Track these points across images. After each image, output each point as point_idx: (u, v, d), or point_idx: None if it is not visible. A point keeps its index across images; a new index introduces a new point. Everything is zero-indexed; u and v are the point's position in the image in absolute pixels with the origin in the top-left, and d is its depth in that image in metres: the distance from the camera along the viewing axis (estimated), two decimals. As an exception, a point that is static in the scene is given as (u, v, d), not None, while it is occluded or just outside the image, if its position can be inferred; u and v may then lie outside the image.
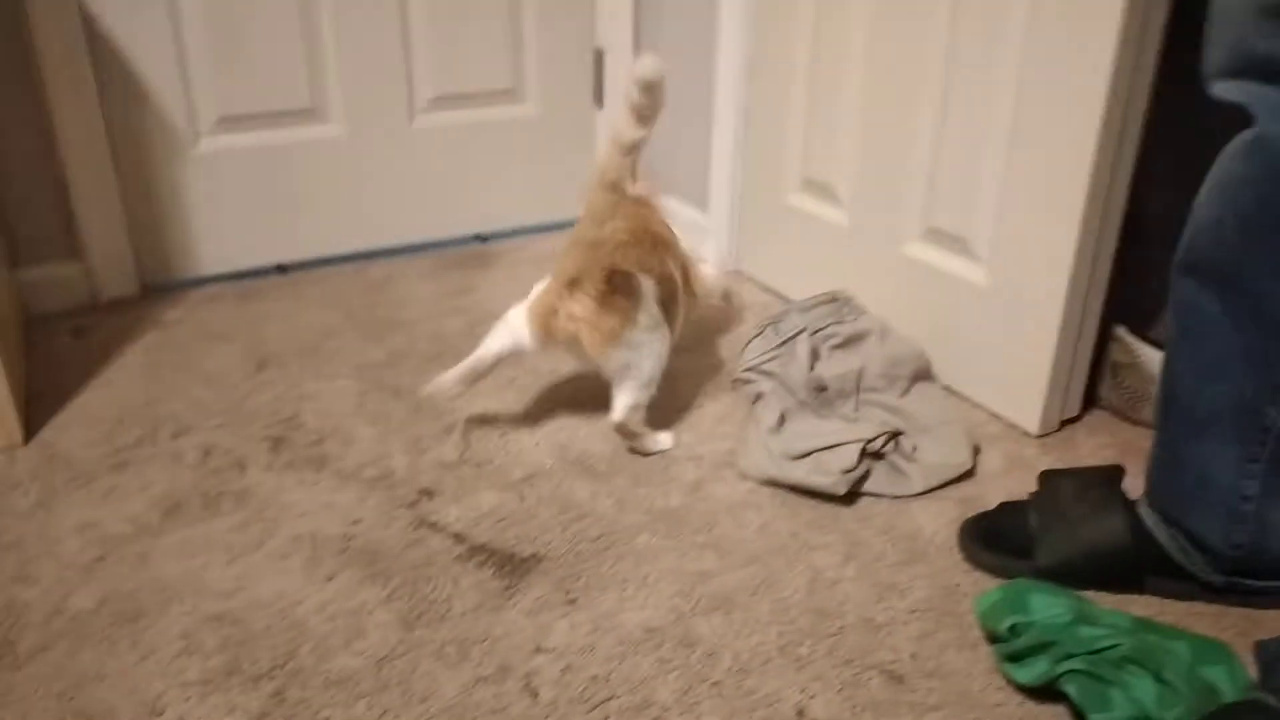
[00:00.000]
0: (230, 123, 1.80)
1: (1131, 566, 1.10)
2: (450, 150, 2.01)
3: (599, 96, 2.11)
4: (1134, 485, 1.14)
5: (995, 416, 1.44)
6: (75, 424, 1.41)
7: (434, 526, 1.21)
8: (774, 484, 1.28)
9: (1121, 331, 1.42)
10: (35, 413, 1.42)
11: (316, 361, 1.59)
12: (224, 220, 1.85)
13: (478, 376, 1.35)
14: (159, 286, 1.83)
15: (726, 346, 1.64)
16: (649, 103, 1.31)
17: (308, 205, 1.91)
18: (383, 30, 1.86)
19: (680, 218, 2.05)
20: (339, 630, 1.05)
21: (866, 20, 1.51)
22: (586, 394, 1.50)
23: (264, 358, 1.60)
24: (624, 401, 1.33)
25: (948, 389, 1.47)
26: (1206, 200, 0.98)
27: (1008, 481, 1.30)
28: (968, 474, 1.31)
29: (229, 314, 1.75)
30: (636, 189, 1.40)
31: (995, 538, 1.16)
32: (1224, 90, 0.93)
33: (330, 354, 1.62)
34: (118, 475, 1.30)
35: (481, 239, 2.11)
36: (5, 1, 1.56)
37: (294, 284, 1.88)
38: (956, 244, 1.45)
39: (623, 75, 2.07)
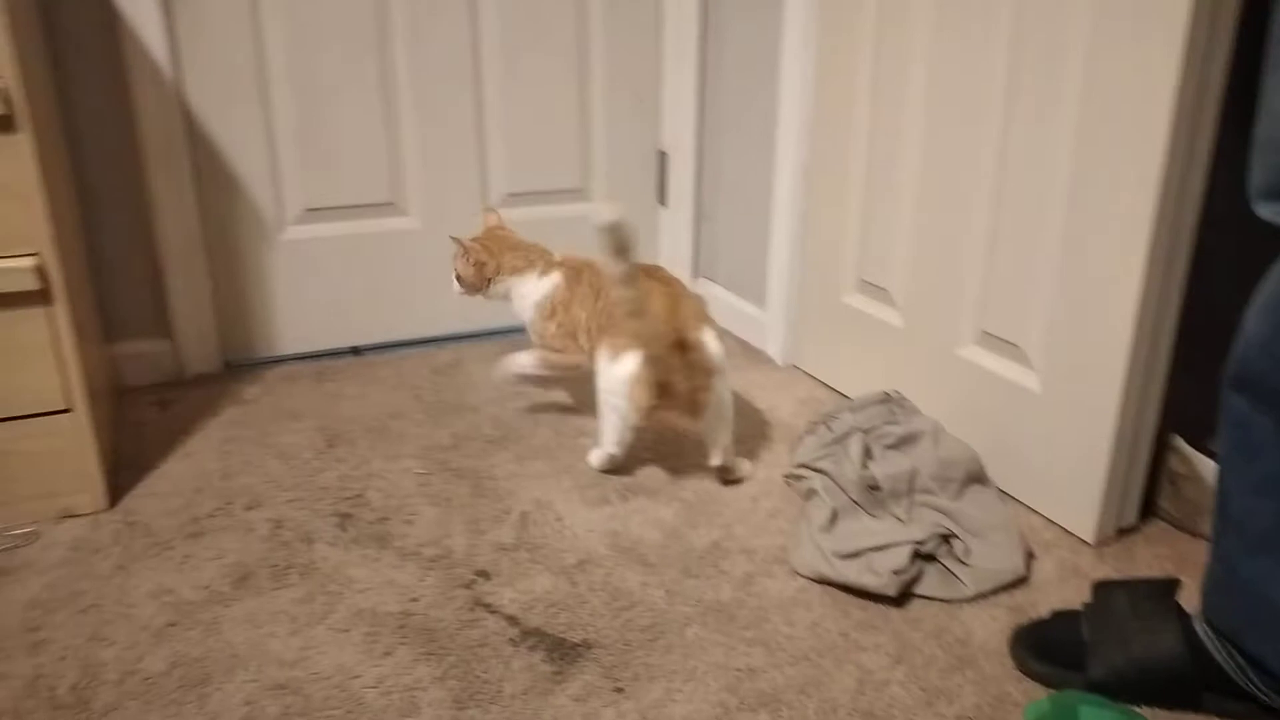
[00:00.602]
0: (315, 213, 1.91)
1: (1187, 683, 1.08)
2: (520, 243, 2.10)
3: (662, 196, 2.19)
4: (1190, 598, 1.13)
5: (1050, 523, 1.44)
6: (156, 492, 1.48)
7: (489, 608, 1.25)
8: (825, 582, 1.29)
9: (1179, 442, 1.41)
10: (120, 480, 1.50)
11: (384, 441, 1.66)
12: (304, 304, 1.94)
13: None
14: (240, 364, 1.93)
15: (779, 442, 1.67)
16: (615, 243, 1.36)
17: (383, 292, 2.00)
18: (460, 132, 1.97)
19: (739, 313, 2.10)
20: (394, 706, 1.08)
21: (921, 127, 1.56)
22: (638, 484, 1.54)
23: (335, 436, 1.67)
24: (725, 441, 1.50)
25: (1002, 493, 1.48)
26: (1256, 317, 0.99)
27: (1061, 590, 1.30)
28: (1021, 580, 1.30)
29: (304, 392, 1.83)
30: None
31: (1047, 647, 1.16)
32: (1269, 212, 0.95)
33: (397, 434, 1.68)
34: (193, 544, 1.36)
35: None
36: (117, 97, 1.70)
37: (367, 366, 1.96)
38: (1009, 349, 1.47)
39: (686, 176, 2.16)
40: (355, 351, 2.02)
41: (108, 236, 1.76)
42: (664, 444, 1.66)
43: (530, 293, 1.66)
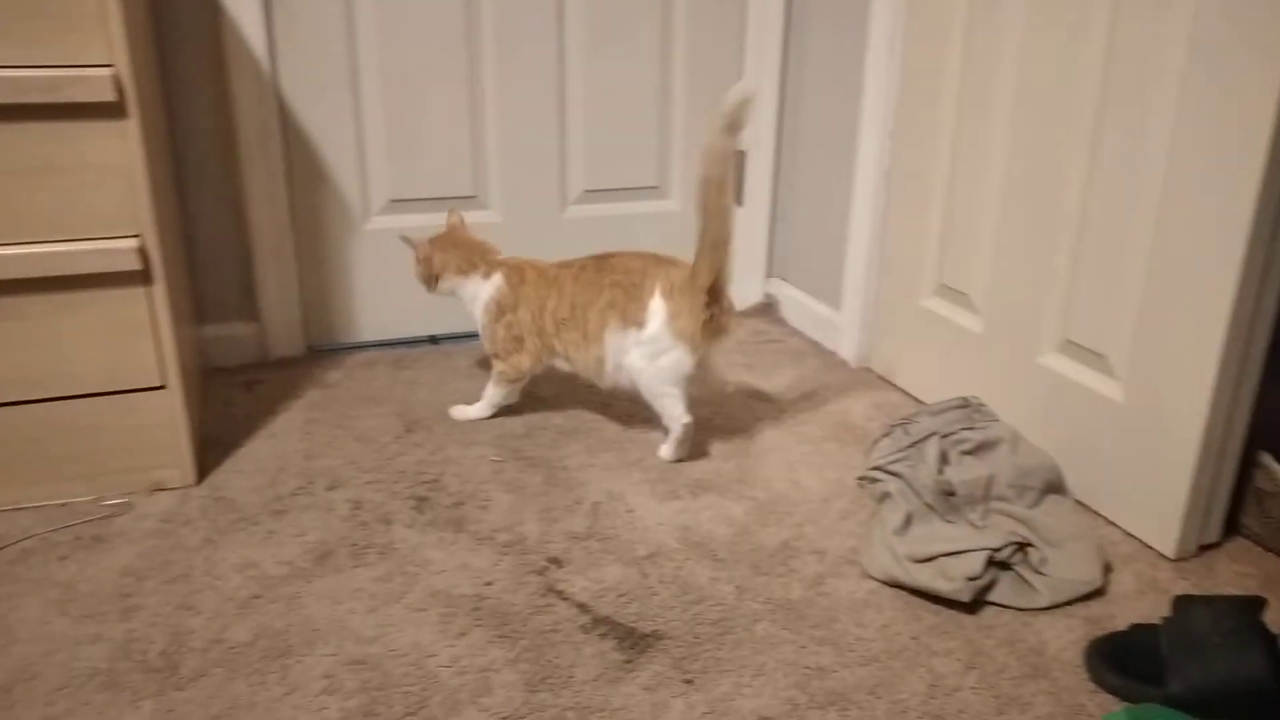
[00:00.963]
0: (398, 205, 1.95)
1: (1272, 704, 1.06)
2: (596, 238, 2.11)
3: (739, 195, 2.20)
4: (1276, 619, 1.11)
5: (1129, 536, 1.41)
6: (242, 470, 1.53)
7: (560, 595, 1.26)
8: (897, 585, 1.29)
9: (1267, 459, 1.38)
10: (208, 457, 1.55)
11: (459, 428, 1.69)
12: (384, 292, 1.99)
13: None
14: (322, 349, 1.98)
15: (851, 444, 1.66)
16: (733, 119, 1.44)
17: (461, 282, 2.04)
18: (542, 128, 2.00)
19: (812, 314, 2.10)
20: (468, 685, 1.10)
21: (1008, 132, 1.55)
22: (707, 480, 1.54)
23: (412, 421, 1.70)
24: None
25: (1079, 504, 1.45)
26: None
27: (1139, 603, 1.27)
28: (1097, 592, 1.28)
29: (383, 379, 1.87)
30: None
31: (1124, 660, 1.14)
32: None
33: (472, 422, 1.71)
34: (277, 521, 1.40)
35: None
36: (215, 87, 1.76)
37: (443, 354, 2.00)
38: (1093, 358, 1.45)
39: (763, 176, 2.16)
40: (432, 340, 2.06)
41: (202, 222, 1.83)
42: (732, 439, 1.66)
43: (477, 294, 1.68)
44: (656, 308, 1.53)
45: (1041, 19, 1.46)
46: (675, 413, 1.57)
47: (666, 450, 1.60)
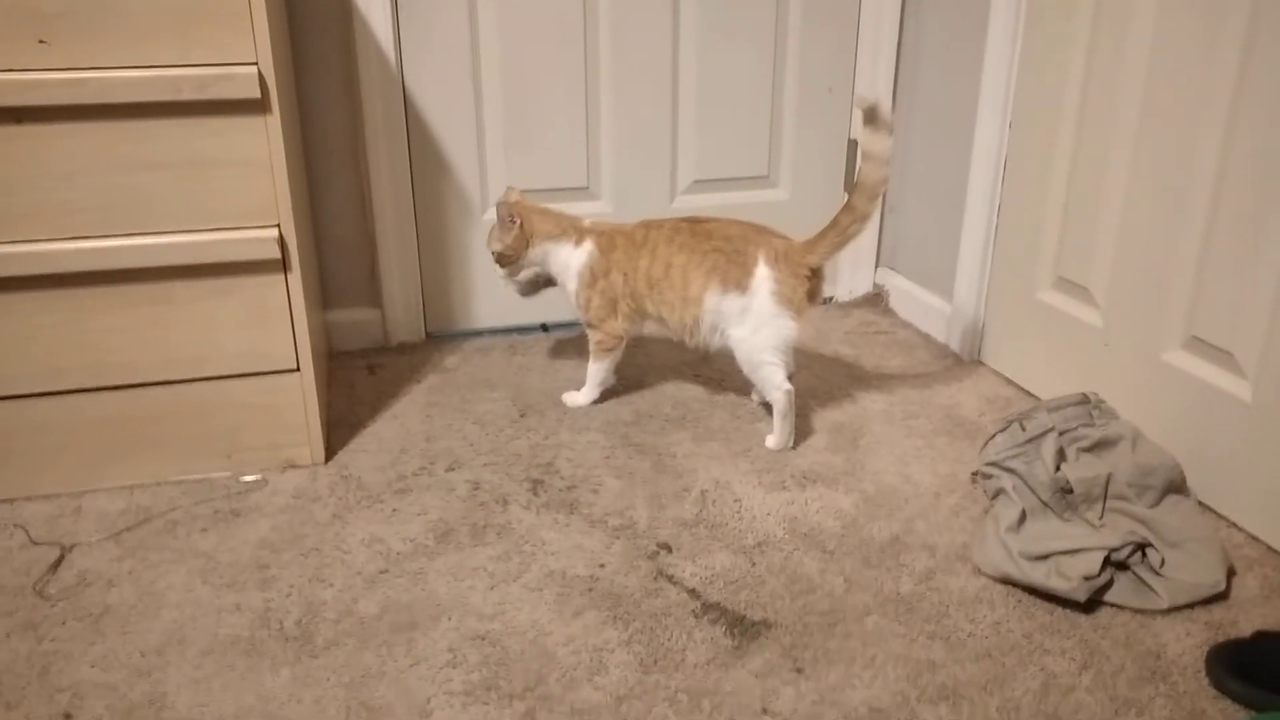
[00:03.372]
0: (515, 194, 2.00)
1: None
2: (704, 228, 2.14)
3: (850, 184, 2.18)
4: None
5: (1253, 539, 1.37)
6: (367, 450, 1.60)
7: (671, 579, 1.29)
8: (1010, 582, 1.28)
9: None
10: (335, 437, 1.63)
11: (571, 414, 1.73)
12: (500, 281, 2.04)
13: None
14: (440, 335, 2.05)
15: (963, 439, 1.65)
16: (871, 115, 1.49)
17: (572, 271, 2.08)
18: (654, 119, 2.02)
19: (923, 305, 2.08)
20: (583, 664, 1.14)
21: (1135, 122, 1.50)
22: (815, 473, 1.55)
23: (526, 406, 1.75)
24: None
25: (1202, 504, 1.41)
26: None
27: (1264, 609, 1.24)
28: (1220, 596, 1.25)
29: (498, 364, 1.93)
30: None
31: (1248, 667, 1.11)
32: None
33: (583, 409, 1.75)
34: (400, 499, 1.47)
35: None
36: (345, 81, 1.83)
37: (554, 342, 2.04)
38: (1220, 356, 1.40)
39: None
40: (544, 328, 2.11)
41: (329, 212, 1.91)
42: (840, 432, 1.66)
43: (569, 261, 1.69)
44: (763, 275, 1.56)
45: (1175, 5, 1.42)
46: (777, 380, 1.59)
47: (773, 439, 1.62)
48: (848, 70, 2.10)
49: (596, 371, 1.75)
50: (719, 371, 1.89)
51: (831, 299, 2.26)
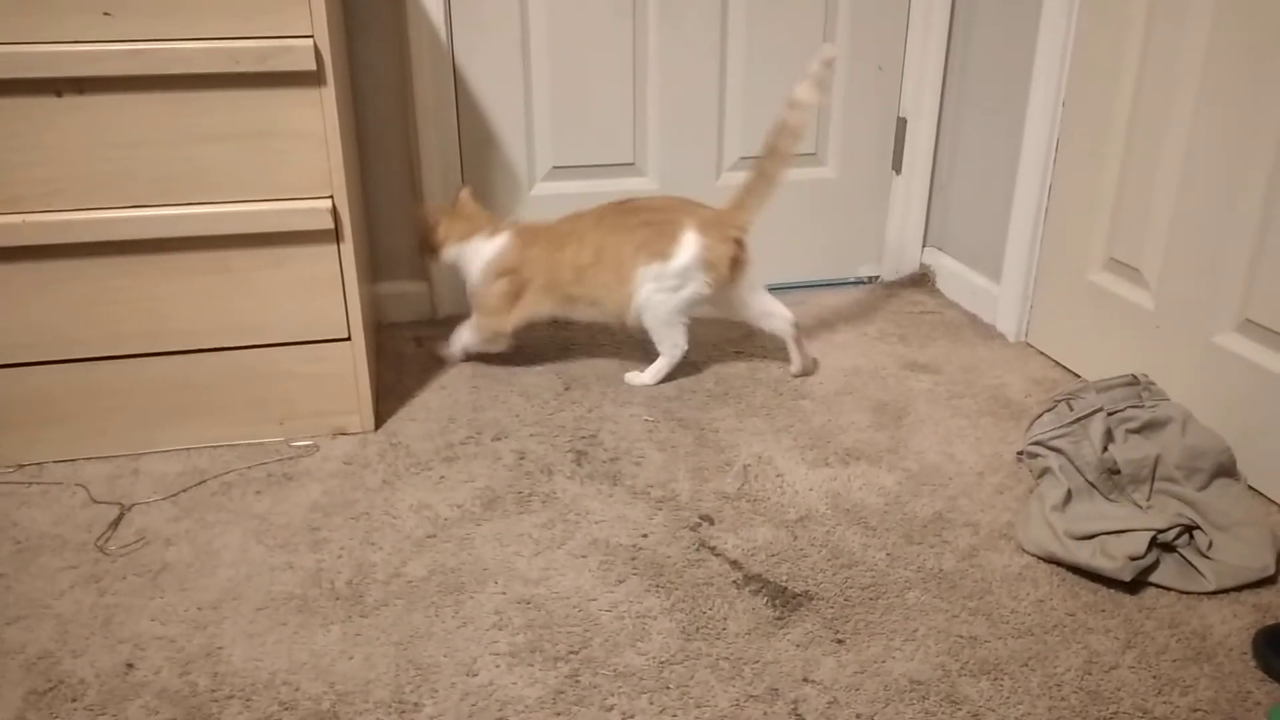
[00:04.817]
0: (561, 171, 2.02)
1: None
2: (750, 205, 2.14)
3: (898, 163, 2.17)
4: None
5: (1306, 525, 1.35)
6: (415, 418, 1.63)
7: (713, 550, 1.31)
8: (1054, 561, 1.27)
9: None
10: (383, 405, 1.66)
11: (614, 388, 1.75)
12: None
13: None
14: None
15: (1008, 419, 1.64)
16: (822, 80, 1.60)
17: (617, 247, 2.09)
18: (702, 96, 2.02)
19: (970, 285, 2.06)
20: (626, 630, 1.16)
21: (1192, 100, 1.48)
22: (858, 450, 1.55)
23: (571, 380, 1.77)
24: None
25: (1252, 489, 1.40)
26: None
27: (1316, 595, 1.22)
28: (1268, 580, 1.24)
29: (542, 339, 1.94)
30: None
31: (1297, 650, 1.10)
32: None
33: (626, 383, 1.76)
34: (447, 467, 1.49)
35: (770, 289, 2.20)
36: (397, 56, 1.85)
37: (598, 317, 2.06)
38: (1274, 339, 1.38)
39: (924, 143, 2.13)
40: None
41: (379, 184, 1.93)
42: (884, 410, 1.66)
43: (480, 252, 1.72)
44: (689, 240, 1.64)
45: (1235, -20, 1.39)
46: (678, 339, 1.72)
47: (644, 376, 1.72)
48: (898, 47, 2.08)
49: (470, 346, 1.80)
50: (761, 349, 1.89)
51: (878, 278, 2.25)
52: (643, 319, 1.69)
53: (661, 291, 1.66)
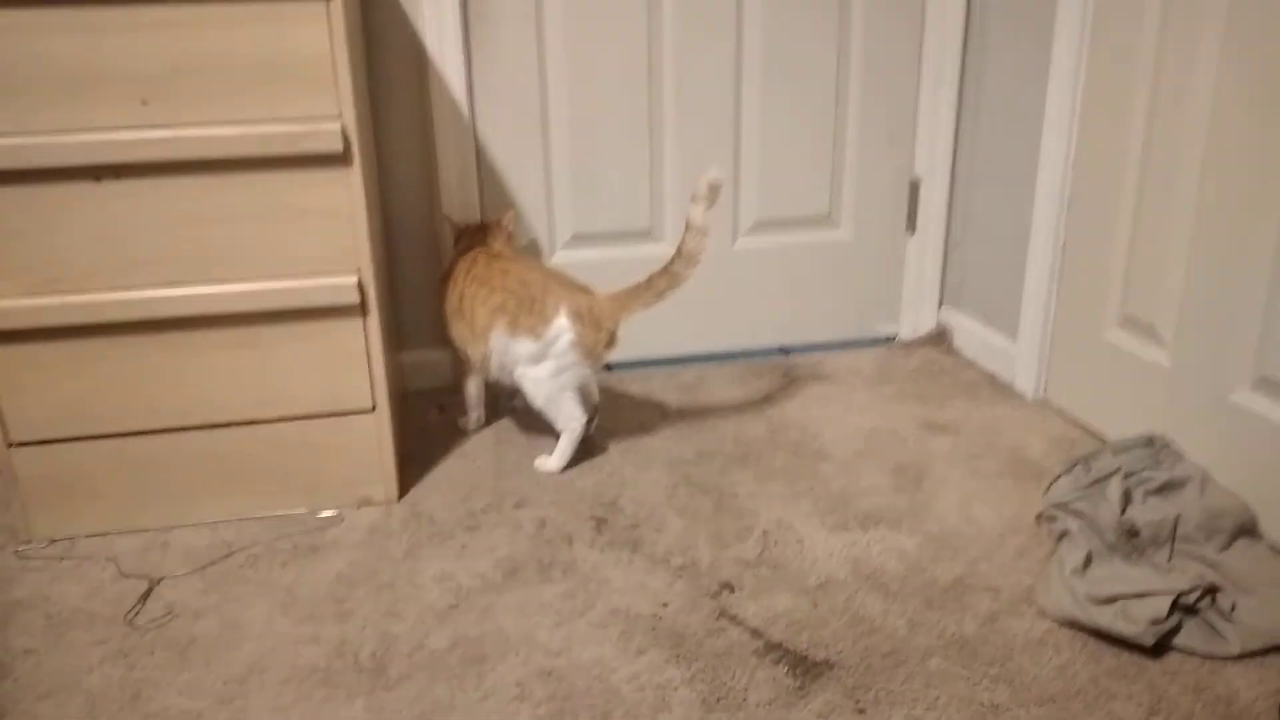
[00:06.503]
0: (580, 239, 2.06)
1: None
2: (765, 268, 2.17)
3: (912, 223, 2.20)
4: None
5: (1332, 586, 1.34)
6: (438, 487, 1.66)
7: (733, 619, 1.31)
8: (1075, 626, 1.27)
9: None
10: (407, 474, 1.69)
11: (634, 453, 1.76)
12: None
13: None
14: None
15: (1028, 480, 1.64)
16: (711, 198, 1.61)
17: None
18: (717, 163, 2.05)
19: (987, 344, 2.07)
20: (647, 701, 1.17)
21: (1200, 158, 1.50)
22: (878, 514, 1.56)
23: (589, 445, 1.79)
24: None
25: (1274, 549, 1.39)
26: None
27: (1344, 658, 1.21)
28: (1295, 643, 1.23)
29: (563, 404, 1.97)
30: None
31: (1325, 717, 1.09)
32: None
33: (645, 447, 1.78)
34: (470, 535, 1.51)
35: (784, 351, 2.23)
36: (420, 131, 1.91)
37: (617, 381, 2.08)
38: (1294, 398, 1.39)
39: (938, 203, 2.15)
40: (607, 368, 2.14)
41: (402, 256, 1.98)
42: (903, 472, 1.67)
43: None
44: (563, 326, 1.64)
45: (1239, 43, 1.42)
46: (574, 412, 1.70)
47: (551, 460, 1.70)
48: (909, 114, 2.12)
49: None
50: (780, 410, 1.91)
51: (895, 337, 2.27)
52: (529, 401, 1.71)
53: (543, 372, 1.67)
